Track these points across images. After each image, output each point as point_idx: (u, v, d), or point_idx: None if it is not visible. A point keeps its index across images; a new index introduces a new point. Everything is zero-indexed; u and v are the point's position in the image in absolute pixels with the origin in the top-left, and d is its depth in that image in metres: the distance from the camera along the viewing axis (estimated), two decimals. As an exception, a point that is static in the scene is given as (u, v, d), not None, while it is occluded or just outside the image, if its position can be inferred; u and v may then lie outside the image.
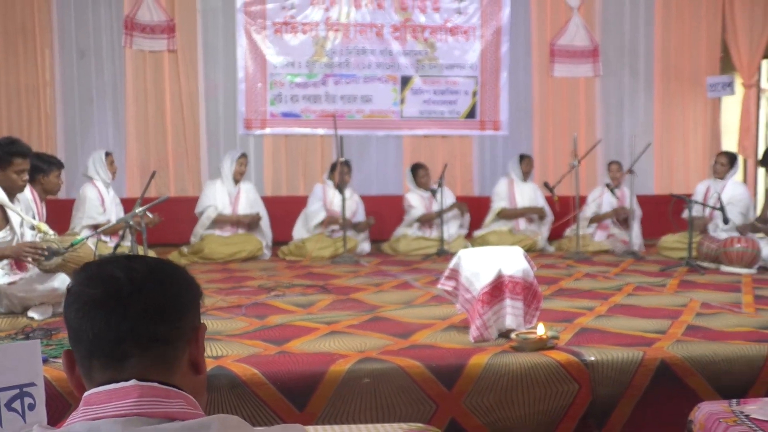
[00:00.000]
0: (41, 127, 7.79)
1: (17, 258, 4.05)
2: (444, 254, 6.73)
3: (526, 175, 7.74)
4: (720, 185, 6.91)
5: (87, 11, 7.84)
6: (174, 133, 8.10)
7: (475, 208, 7.72)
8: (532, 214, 7.63)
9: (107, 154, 6.48)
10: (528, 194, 7.70)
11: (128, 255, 1.25)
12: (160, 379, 1.14)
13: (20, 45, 7.68)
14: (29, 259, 3.97)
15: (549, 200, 7.44)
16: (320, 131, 8.31)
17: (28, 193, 4.83)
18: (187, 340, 1.21)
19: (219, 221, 6.92)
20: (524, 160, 7.77)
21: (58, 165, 5.30)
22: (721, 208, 5.94)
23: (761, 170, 8.79)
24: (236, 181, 7.09)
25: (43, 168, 5.13)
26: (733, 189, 6.86)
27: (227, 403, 2.72)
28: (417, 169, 7.59)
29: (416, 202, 7.47)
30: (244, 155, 7.18)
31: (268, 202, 7.48)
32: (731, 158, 7.09)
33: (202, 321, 1.27)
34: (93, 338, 1.13)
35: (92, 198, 6.24)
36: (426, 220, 7.38)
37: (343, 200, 6.73)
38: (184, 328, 1.20)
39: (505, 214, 7.59)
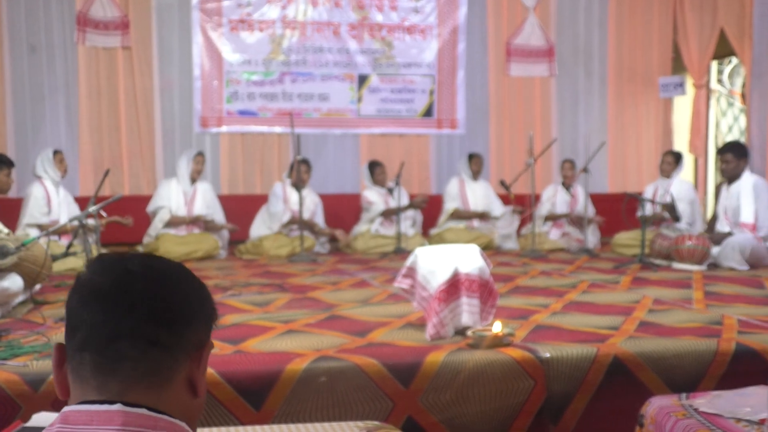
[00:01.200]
0: (-9, 124, 7.64)
1: None
2: (401, 252, 6.74)
3: (476, 174, 7.78)
4: (667, 183, 7.04)
5: (38, 6, 7.70)
6: (128, 130, 7.99)
7: (432, 207, 7.75)
8: (484, 218, 7.66)
9: (55, 152, 6.38)
10: (480, 193, 7.74)
11: (150, 254, 1.17)
12: (151, 393, 1.05)
13: (-31, 40, 7.53)
14: None
15: (504, 198, 7.49)
16: (277, 129, 8.26)
17: (-23, 192, 4.74)
18: (189, 354, 1.11)
19: (173, 222, 6.83)
20: (473, 159, 7.81)
21: (8, 164, 5.20)
22: (672, 206, 6.05)
23: (712, 168, 8.96)
24: (193, 180, 7.02)
25: (-8, 166, 5.03)
26: (679, 186, 6.99)
27: (182, 404, 2.68)
28: (374, 167, 7.59)
29: (375, 198, 7.47)
30: (200, 154, 7.10)
31: (225, 200, 7.42)
32: (677, 157, 7.24)
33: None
34: (90, 329, 1.05)
35: (37, 197, 6.14)
36: (389, 214, 7.38)
37: (300, 199, 6.70)
38: (188, 339, 1.11)
39: (457, 215, 7.63)
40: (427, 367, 2.93)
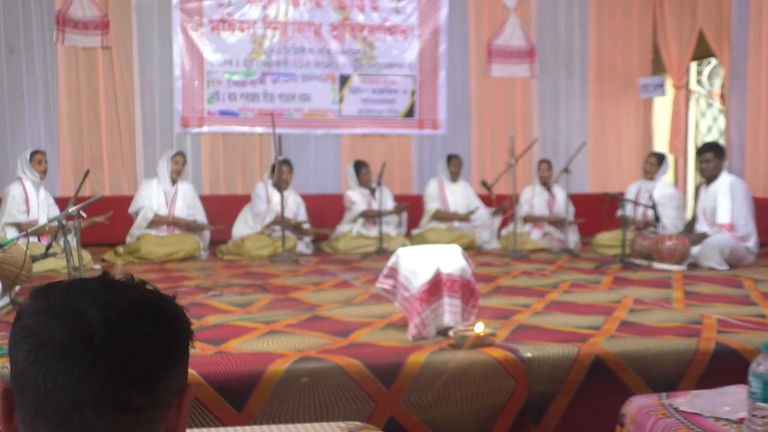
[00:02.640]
0: (-31, 124, 7.56)
1: None
2: (383, 253, 6.73)
3: (455, 176, 7.79)
4: (650, 185, 7.08)
5: (17, 6, 7.63)
6: (108, 131, 7.94)
7: (414, 207, 7.76)
8: (464, 218, 7.67)
9: (34, 153, 6.32)
10: (459, 194, 7.75)
11: (106, 281, 0.93)
12: None
13: (-54, 40, 7.45)
14: None
15: (486, 199, 7.51)
16: (258, 130, 8.24)
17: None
18: (167, 409, 0.92)
19: (156, 222, 6.80)
20: (452, 160, 7.83)
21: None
22: (653, 207, 6.09)
23: (692, 169, 9.02)
24: (173, 180, 6.98)
25: (-29, 167, 4.99)
26: (662, 189, 7.03)
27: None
28: (360, 167, 7.58)
29: (357, 198, 7.46)
30: (179, 153, 7.06)
31: (206, 201, 7.38)
32: (660, 158, 7.28)
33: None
34: (44, 394, 0.84)
35: (15, 196, 6.11)
36: (369, 216, 7.37)
37: (282, 199, 6.68)
38: (165, 393, 0.91)
39: (439, 216, 7.64)
40: (408, 367, 2.93)
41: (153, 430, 0.90)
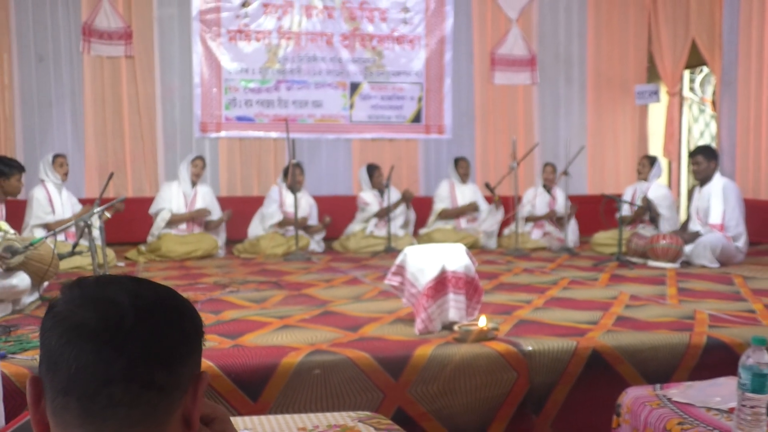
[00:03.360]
0: (0, 129, 7.59)
1: None
2: (391, 251, 6.74)
3: (464, 177, 7.79)
4: (645, 186, 7.07)
5: (45, 17, 7.67)
6: (131, 135, 7.97)
7: (420, 208, 7.77)
8: (468, 211, 7.66)
9: (56, 157, 6.34)
10: (468, 195, 7.75)
11: (132, 277, 0.97)
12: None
13: (-22, 50, 7.49)
14: None
15: (490, 200, 7.50)
16: (273, 135, 8.26)
17: (-13, 195, 4.72)
18: (185, 391, 0.95)
19: (174, 221, 6.82)
20: (459, 163, 7.84)
21: (19, 168, 5.17)
22: (648, 208, 6.07)
23: (685, 172, 9.00)
24: (193, 183, 7.01)
25: (4, 171, 5.01)
26: (656, 190, 7.02)
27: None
28: (373, 170, 7.59)
29: (371, 199, 7.48)
30: (198, 157, 7.09)
31: (224, 202, 7.40)
32: (651, 161, 7.29)
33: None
34: (75, 373, 0.87)
35: (39, 198, 6.13)
36: (383, 215, 7.38)
37: (296, 201, 6.70)
38: (184, 375, 0.95)
39: (445, 214, 7.64)
40: (415, 360, 2.94)
41: (172, 410, 0.93)
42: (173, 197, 6.90)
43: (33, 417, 0.91)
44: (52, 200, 6.19)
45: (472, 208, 7.66)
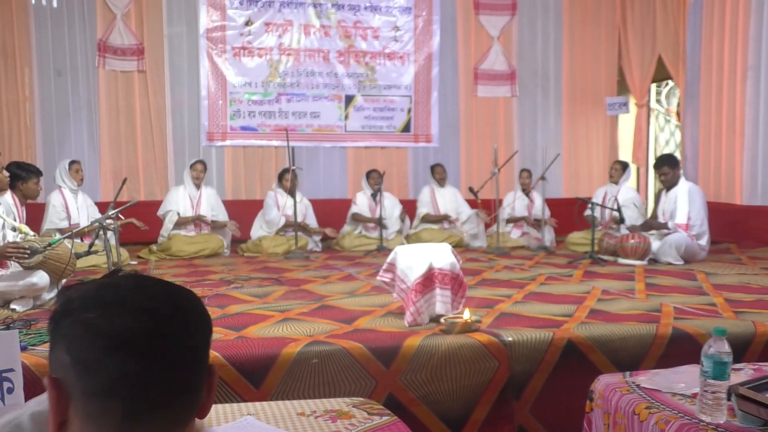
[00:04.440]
0: (21, 138, 7.56)
1: (1, 257, 3.93)
2: (383, 250, 6.74)
3: (440, 182, 7.78)
4: (615, 189, 7.09)
5: (63, 34, 7.65)
6: (143, 144, 7.95)
7: (410, 211, 7.77)
8: (445, 219, 7.65)
9: (72, 163, 6.29)
10: (448, 198, 7.74)
11: (166, 284, 0.93)
12: None
13: (1, 64, 7.45)
14: (13, 257, 3.87)
15: (472, 203, 7.50)
16: (274, 143, 8.25)
17: (9, 198, 4.70)
18: (203, 386, 0.94)
19: (180, 222, 6.79)
20: (435, 169, 7.84)
21: (36, 173, 5.15)
22: (618, 210, 6.09)
23: (652, 176, 9.03)
24: (197, 186, 6.98)
25: (22, 175, 4.98)
26: (626, 193, 7.04)
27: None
28: (371, 173, 7.60)
29: (360, 200, 7.47)
30: (197, 162, 7.06)
31: (229, 205, 7.39)
32: (624, 165, 7.31)
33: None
34: (119, 378, 0.84)
35: (55, 205, 6.08)
36: (358, 220, 7.37)
37: (295, 204, 6.69)
38: (204, 373, 0.94)
39: (427, 219, 7.64)
40: (405, 350, 2.94)
41: (196, 406, 0.92)
42: (180, 200, 6.88)
43: (54, 414, 0.86)
44: (68, 206, 6.14)
45: (447, 218, 7.64)
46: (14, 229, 4.15)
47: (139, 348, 0.84)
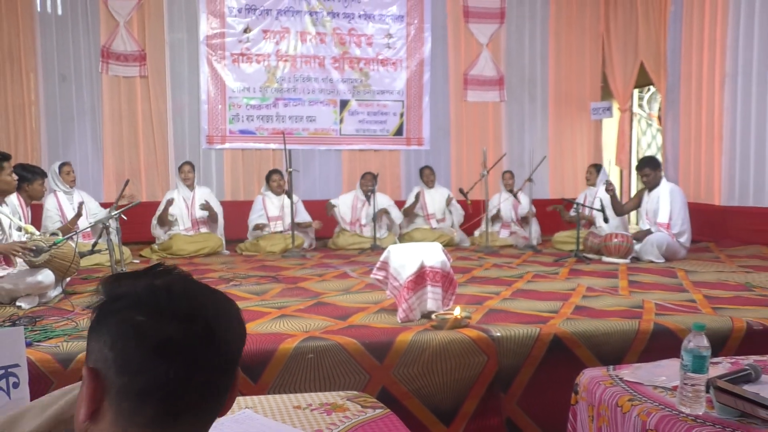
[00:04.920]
0: (27, 141, 7.52)
1: (8, 255, 3.91)
2: (376, 249, 6.74)
3: (428, 183, 7.79)
4: (594, 191, 7.11)
5: (68, 41, 7.62)
6: (145, 146, 7.92)
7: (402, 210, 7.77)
8: (410, 210, 7.65)
9: (62, 165, 6.17)
10: (437, 198, 7.75)
11: (193, 283, 0.95)
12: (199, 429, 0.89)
13: (7, 69, 7.41)
14: (20, 254, 3.85)
15: (463, 203, 7.51)
16: (272, 146, 8.24)
17: (15, 199, 4.67)
18: (230, 387, 0.94)
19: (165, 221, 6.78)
20: (423, 171, 7.87)
21: (41, 174, 5.12)
22: (602, 210, 6.10)
23: (634, 178, 9.06)
24: (189, 187, 6.95)
25: (28, 177, 4.95)
26: (603, 192, 7.03)
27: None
28: (364, 175, 7.59)
29: (343, 200, 7.49)
30: (184, 164, 7.03)
31: (229, 205, 7.38)
32: (597, 168, 7.33)
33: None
34: (161, 380, 0.84)
35: (49, 209, 6.01)
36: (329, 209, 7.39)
37: (292, 204, 6.68)
38: (235, 375, 0.94)
39: (406, 212, 7.65)
40: (398, 345, 2.94)
41: (223, 406, 0.93)
42: (175, 203, 6.86)
43: (88, 404, 0.86)
44: (62, 208, 6.06)
45: (411, 208, 7.65)
46: (20, 229, 4.13)
47: (183, 354, 0.85)
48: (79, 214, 5.77)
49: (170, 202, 6.68)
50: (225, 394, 0.92)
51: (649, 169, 6.15)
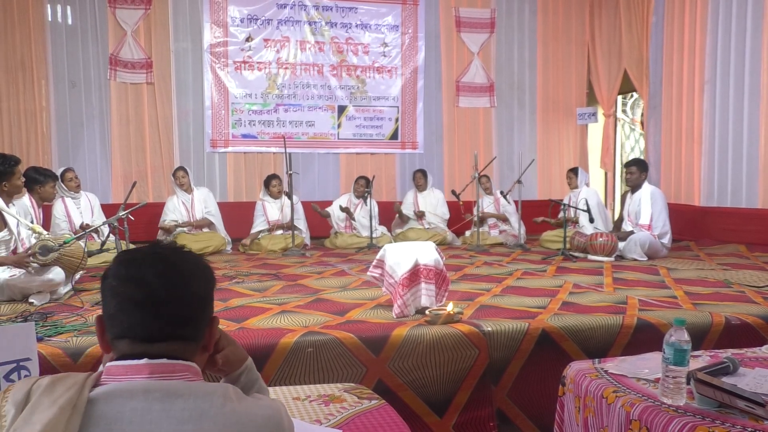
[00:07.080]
0: (38, 145, 7.51)
1: (21, 266, 3.89)
2: (373, 248, 6.73)
3: (419, 187, 7.79)
4: (576, 193, 7.11)
5: (77, 49, 7.60)
6: (152, 150, 7.90)
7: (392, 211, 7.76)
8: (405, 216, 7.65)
9: (64, 172, 6.10)
10: (430, 200, 7.74)
11: (160, 250, 1.17)
12: (181, 356, 1.12)
13: (20, 76, 7.39)
14: (30, 260, 3.84)
15: (455, 205, 7.51)
16: (273, 150, 8.22)
17: (27, 201, 4.66)
18: (204, 331, 1.18)
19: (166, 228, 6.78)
20: (415, 175, 7.88)
21: (53, 177, 5.10)
22: (588, 210, 6.11)
23: (618, 181, 9.07)
24: (186, 191, 6.93)
25: (40, 179, 4.94)
26: (585, 193, 7.04)
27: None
28: (357, 179, 7.58)
29: (341, 201, 7.47)
30: (177, 169, 7.03)
31: (232, 206, 7.37)
32: (575, 171, 7.34)
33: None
34: (127, 327, 1.10)
35: (56, 215, 5.97)
36: (323, 216, 7.35)
37: (292, 205, 6.67)
38: (203, 324, 1.18)
39: (399, 213, 7.64)
40: (393, 339, 2.93)
41: (195, 348, 1.16)
42: (175, 208, 6.84)
43: (101, 342, 1.16)
44: (69, 212, 6.01)
45: (396, 209, 7.63)
46: (29, 229, 4.11)
47: (140, 309, 1.10)
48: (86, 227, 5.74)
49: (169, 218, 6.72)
50: (194, 339, 1.15)
51: (636, 168, 6.17)
